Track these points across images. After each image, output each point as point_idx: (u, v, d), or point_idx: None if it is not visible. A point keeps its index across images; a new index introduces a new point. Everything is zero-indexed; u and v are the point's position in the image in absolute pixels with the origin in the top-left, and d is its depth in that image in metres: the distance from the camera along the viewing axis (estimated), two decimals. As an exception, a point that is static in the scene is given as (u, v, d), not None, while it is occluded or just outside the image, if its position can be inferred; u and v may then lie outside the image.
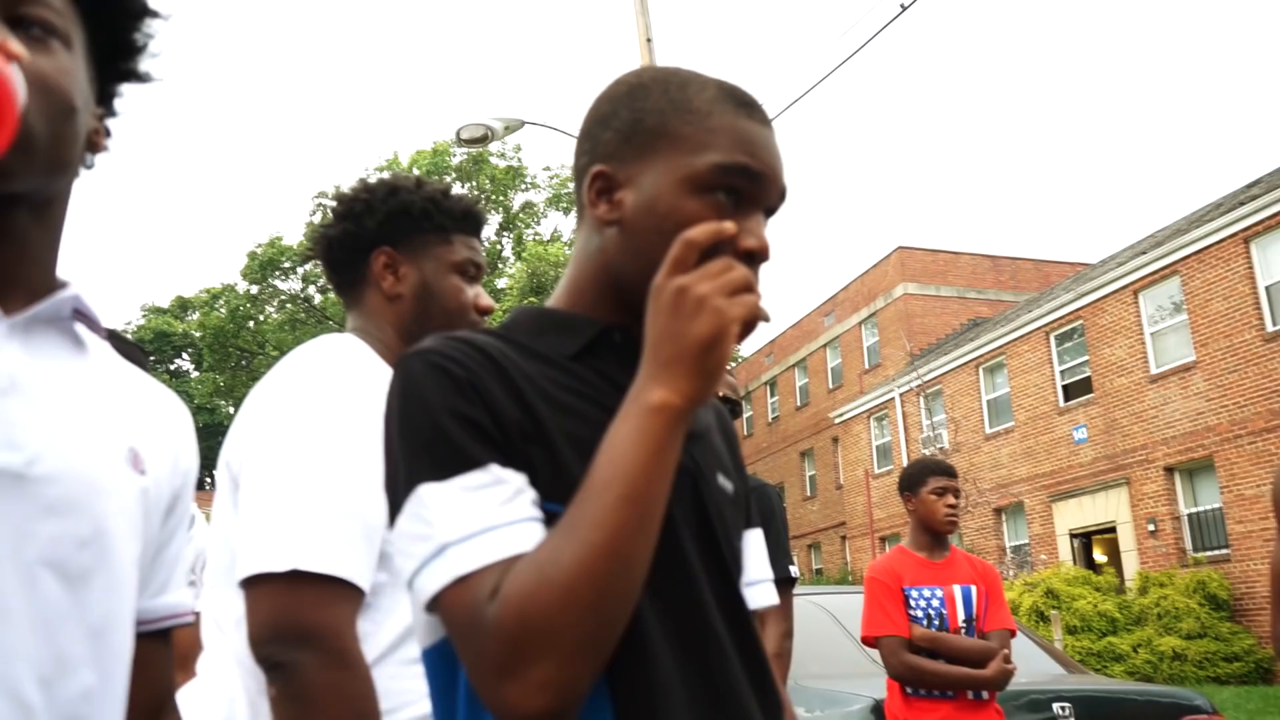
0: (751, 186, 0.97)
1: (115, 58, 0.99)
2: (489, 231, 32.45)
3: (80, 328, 0.96)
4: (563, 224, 32.83)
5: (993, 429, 22.05)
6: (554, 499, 0.87)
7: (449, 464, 0.85)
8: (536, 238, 31.87)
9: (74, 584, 0.85)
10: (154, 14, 0.99)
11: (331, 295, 31.09)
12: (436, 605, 0.83)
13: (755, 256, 0.95)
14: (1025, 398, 20.94)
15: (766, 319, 0.88)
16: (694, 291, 0.84)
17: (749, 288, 0.86)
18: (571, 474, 0.88)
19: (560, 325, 1.00)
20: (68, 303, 0.92)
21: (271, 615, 1.28)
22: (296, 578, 1.27)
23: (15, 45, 0.77)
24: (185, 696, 1.53)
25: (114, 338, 2.04)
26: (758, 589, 1.16)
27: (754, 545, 1.16)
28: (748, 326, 0.86)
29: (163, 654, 1.04)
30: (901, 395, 24.62)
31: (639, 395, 0.85)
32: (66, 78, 0.88)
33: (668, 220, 0.94)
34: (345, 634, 1.28)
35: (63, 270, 0.96)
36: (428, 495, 0.84)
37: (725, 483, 1.05)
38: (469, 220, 1.69)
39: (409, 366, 0.90)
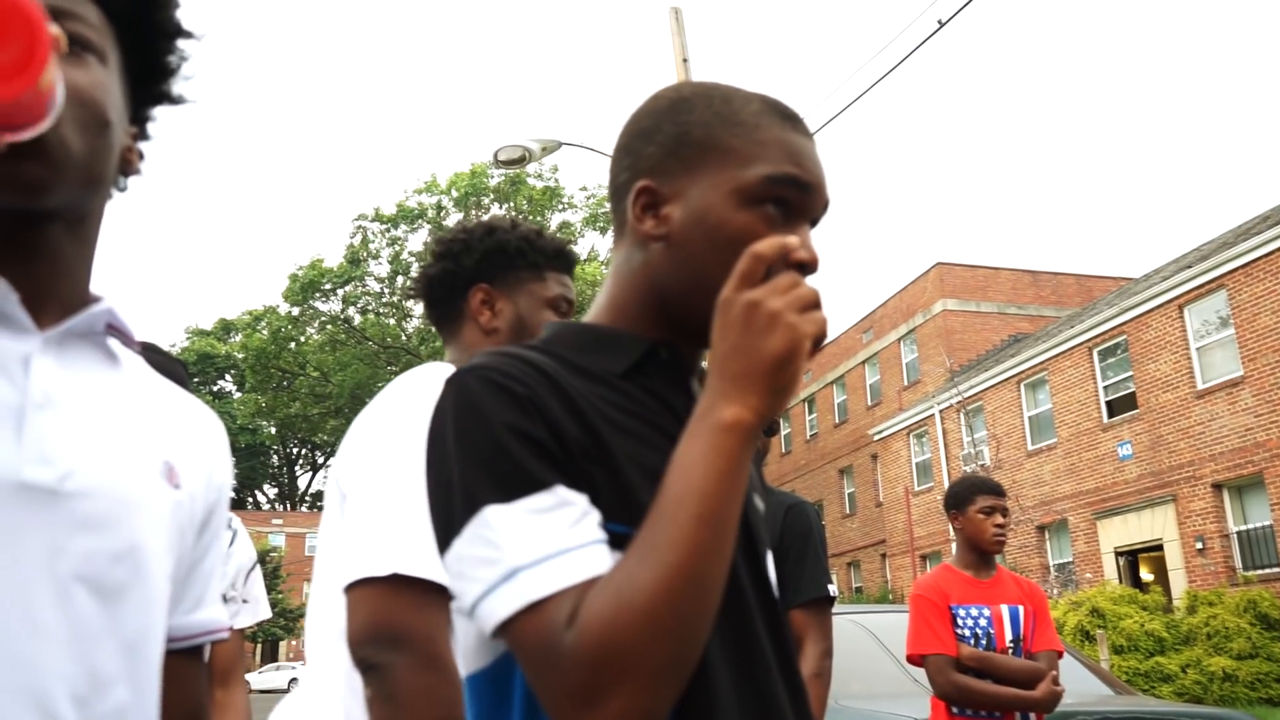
0: (800, 198, 0.96)
1: (149, 80, 0.99)
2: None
3: (113, 342, 0.96)
4: (599, 243, 32.96)
5: (1035, 445, 21.77)
6: (616, 519, 0.85)
7: (513, 485, 0.82)
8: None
9: (108, 600, 0.84)
10: (188, 35, 1.00)
11: (371, 316, 31.61)
12: (505, 631, 0.80)
13: (805, 268, 0.93)
14: (1068, 414, 20.66)
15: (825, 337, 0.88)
16: (766, 306, 0.83)
17: (818, 304, 0.85)
18: (633, 493, 0.86)
19: (606, 342, 0.98)
20: (101, 317, 0.92)
21: (370, 618, 1.33)
22: (397, 582, 1.32)
23: (54, 28, 0.76)
24: (285, 709, 1.57)
25: (153, 350, 2.08)
26: None
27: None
28: (816, 343, 0.85)
29: (196, 670, 1.04)
30: (941, 412, 24.38)
31: (709, 412, 0.83)
32: (101, 91, 0.89)
33: (718, 233, 0.93)
34: (439, 639, 1.31)
35: (96, 286, 0.96)
36: (493, 517, 0.81)
37: (759, 502, 1.06)
38: (561, 258, 1.78)
39: (464, 384, 0.87)
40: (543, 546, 0.80)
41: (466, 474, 0.84)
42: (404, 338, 32.13)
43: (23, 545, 0.79)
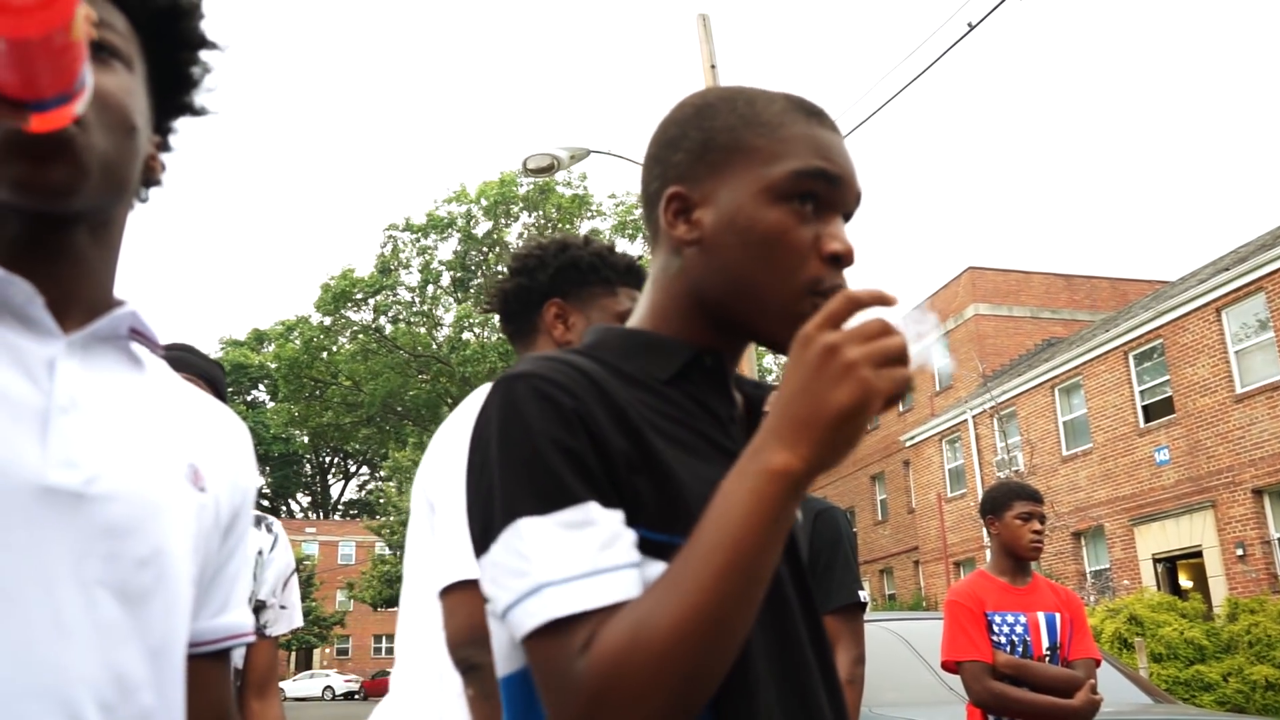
0: (830, 191, 0.96)
1: (172, 91, 1.00)
2: (556, 260, 32.63)
3: (137, 346, 0.96)
4: (629, 251, 32.97)
5: (1070, 451, 21.53)
6: (662, 529, 0.86)
7: (550, 498, 0.82)
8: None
9: (133, 604, 0.84)
10: (212, 45, 1.00)
11: (403, 326, 31.73)
12: (526, 643, 0.82)
13: (840, 260, 0.94)
14: (1103, 419, 20.42)
15: (913, 390, 0.82)
16: (844, 354, 0.78)
17: (902, 359, 0.79)
18: (679, 502, 0.86)
19: (651, 347, 0.98)
20: (125, 320, 0.92)
21: (470, 619, 1.37)
22: None
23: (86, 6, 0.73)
24: (382, 712, 1.61)
25: (189, 352, 2.09)
26: None
27: None
28: (892, 400, 0.79)
29: (222, 674, 1.04)
30: (974, 417, 24.17)
31: (760, 452, 0.80)
32: (128, 96, 0.90)
33: (750, 232, 0.94)
34: None
35: (121, 290, 0.96)
36: (526, 529, 0.82)
37: (796, 510, 1.05)
38: (632, 273, 1.84)
39: (512, 390, 0.87)
40: (571, 565, 0.80)
41: (506, 482, 0.84)
42: (434, 346, 32.25)
43: (48, 549, 0.79)
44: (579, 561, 0.80)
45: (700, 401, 0.97)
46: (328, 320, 32.91)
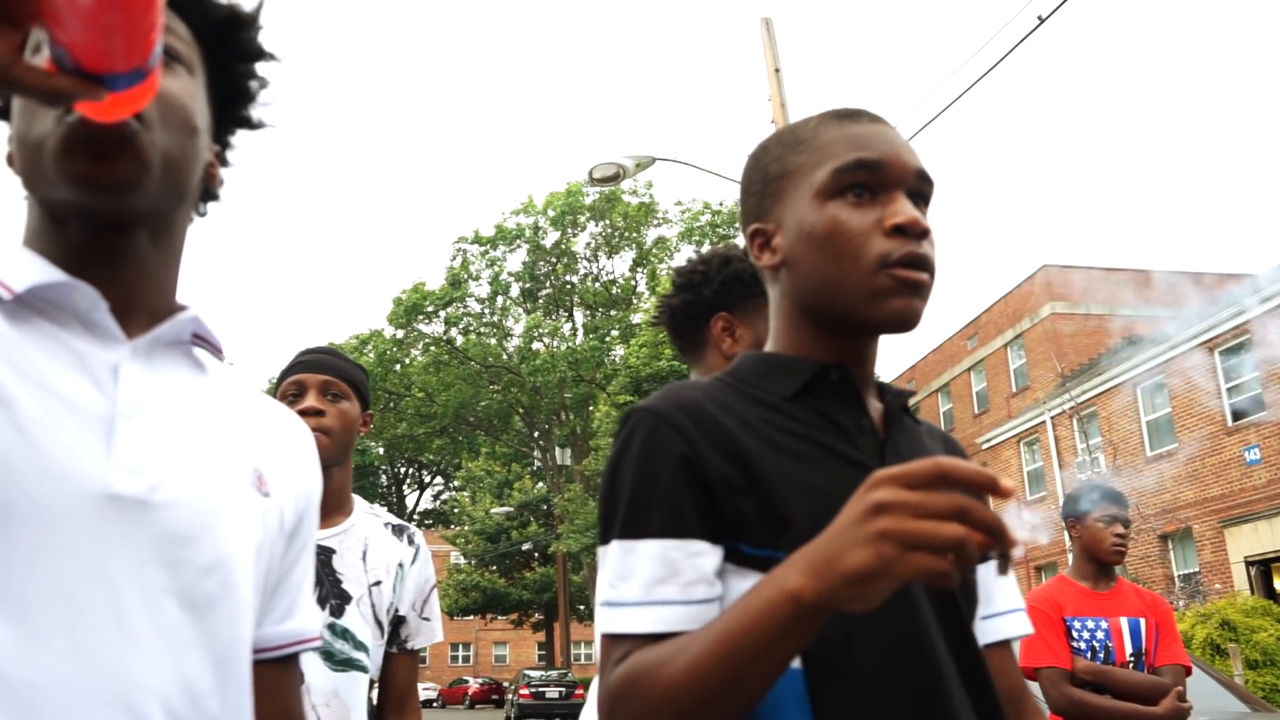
0: (875, 176, 1.02)
1: (230, 104, 1.01)
2: (623, 267, 32.80)
3: (200, 352, 0.97)
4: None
5: (1154, 451, 20.91)
6: (761, 545, 0.94)
7: (632, 528, 0.95)
8: (669, 272, 31.96)
9: (198, 612, 0.84)
10: (270, 57, 1.01)
11: (473, 337, 32.08)
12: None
13: (907, 232, 0.99)
14: (1189, 418, 19.80)
15: (950, 584, 0.73)
16: (880, 521, 0.73)
17: (955, 547, 0.71)
18: (786, 517, 0.94)
19: (780, 368, 1.06)
20: (187, 325, 0.93)
21: None
22: None
23: None
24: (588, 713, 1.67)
25: (332, 354, 2.12)
26: (1006, 619, 1.16)
27: (999, 576, 1.10)
28: (936, 579, 0.72)
29: (290, 679, 1.04)
30: (1053, 418, 23.62)
31: (787, 570, 0.80)
32: (190, 99, 0.91)
33: (814, 235, 1.03)
34: None
35: (183, 296, 0.97)
36: (613, 550, 0.96)
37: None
38: None
39: (635, 425, 0.99)
40: (627, 592, 0.93)
41: (608, 505, 0.98)
42: (505, 356, 32.53)
43: (113, 557, 0.79)
44: (633, 590, 0.93)
45: (824, 414, 1.03)
46: (400, 333, 33.37)
